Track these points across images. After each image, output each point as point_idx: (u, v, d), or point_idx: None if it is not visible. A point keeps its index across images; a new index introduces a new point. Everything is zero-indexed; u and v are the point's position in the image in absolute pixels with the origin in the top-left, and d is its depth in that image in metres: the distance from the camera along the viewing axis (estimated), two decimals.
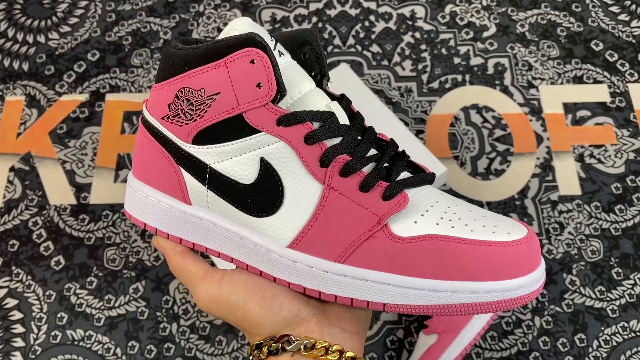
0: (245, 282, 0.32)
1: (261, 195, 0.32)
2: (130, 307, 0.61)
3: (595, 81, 0.71)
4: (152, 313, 0.60)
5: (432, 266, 0.30)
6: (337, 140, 0.32)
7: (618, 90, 0.71)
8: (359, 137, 0.33)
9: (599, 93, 0.71)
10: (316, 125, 0.31)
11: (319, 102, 0.32)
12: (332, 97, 0.34)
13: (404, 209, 0.31)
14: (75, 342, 0.59)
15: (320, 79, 0.34)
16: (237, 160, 0.31)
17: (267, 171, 0.31)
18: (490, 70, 0.72)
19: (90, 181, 0.67)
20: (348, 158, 0.31)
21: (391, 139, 0.35)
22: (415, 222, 0.31)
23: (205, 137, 0.31)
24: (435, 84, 0.72)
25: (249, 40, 0.30)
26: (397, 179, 0.32)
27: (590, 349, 0.58)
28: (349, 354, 0.31)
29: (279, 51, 0.32)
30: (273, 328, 0.31)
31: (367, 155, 0.32)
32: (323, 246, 0.31)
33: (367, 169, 0.32)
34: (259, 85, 0.30)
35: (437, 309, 0.30)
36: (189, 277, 0.34)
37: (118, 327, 0.60)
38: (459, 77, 0.72)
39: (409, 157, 0.35)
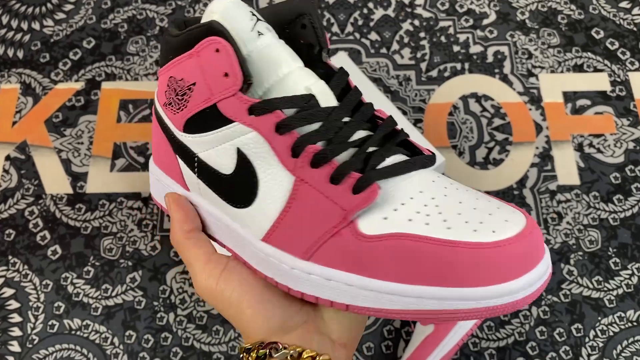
0: (243, 282, 0.31)
1: (239, 186, 0.31)
2: (127, 297, 0.61)
3: (596, 70, 0.71)
4: (149, 303, 0.60)
5: (394, 268, 0.27)
6: (316, 125, 0.29)
7: (618, 79, 0.70)
8: (347, 119, 0.30)
9: (599, 82, 0.70)
10: (290, 112, 0.29)
11: (300, 83, 0.30)
12: (328, 73, 0.32)
13: (375, 203, 0.28)
14: (73, 332, 0.59)
15: (319, 52, 0.32)
16: (217, 151, 0.31)
17: (243, 162, 0.30)
18: (490, 59, 0.72)
19: (87, 170, 0.67)
20: (318, 148, 0.29)
21: (389, 117, 0.31)
22: (385, 218, 0.28)
23: (192, 126, 0.31)
24: (434, 73, 0.71)
25: (211, 29, 0.28)
26: (376, 167, 0.29)
27: (587, 339, 0.58)
28: None
29: (258, 31, 0.30)
30: (263, 333, 0.31)
31: (351, 139, 0.30)
32: (292, 241, 0.29)
33: (343, 156, 0.29)
34: (226, 75, 0.29)
35: (403, 314, 0.27)
36: (190, 259, 0.33)
37: (115, 317, 0.60)
38: (458, 66, 0.71)
39: (408, 137, 0.31)
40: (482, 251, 0.25)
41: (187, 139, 0.32)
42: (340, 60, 0.64)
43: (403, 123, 0.61)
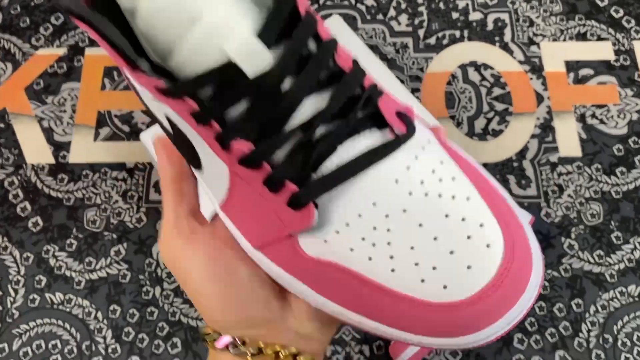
0: (207, 262, 0.26)
1: (185, 149, 0.26)
2: (111, 270, 0.58)
3: (599, 38, 0.68)
4: (134, 276, 0.58)
5: (341, 296, 0.23)
6: (242, 106, 0.22)
7: (623, 48, 0.68)
8: (289, 82, 0.22)
9: (603, 51, 0.68)
10: (206, 92, 0.22)
11: (212, 46, 0.21)
12: (292, 20, 0.22)
13: (315, 223, 0.22)
14: (55, 306, 0.57)
15: None
16: (154, 106, 0.25)
17: (176, 129, 0.25)
18: (490, 26, 0.69)
19: (69, 139, 0.64)
20: (244, 146, 0.22)
21: (354, 62, 0.23)
22: (326, 242, 0.23)
23: None
24: (432, 40, 0.68)
25: (74, 15, 0.21)
26: (318, 169, 0.22)
27: (587, 314, 0.56)
28: (305, 357, 0.26)
29: None
30: (221, 325, 0.27)
31: (291, 122, 0.22)
32: (244, 224, 0.25)
33: (279, 155, 0.22)
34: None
35: (355, 325, 0.24)
36: (165, 210, 0.28)
37: (99, 291, 0.58)
38: (457, 33, 0.69)
39: (379, 96, 0.23)
40: (424, 309, 0.21)
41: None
42: (334, 23, 0.61)
43: (402, 92, 0.59)
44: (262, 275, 0.27)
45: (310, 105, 0.22)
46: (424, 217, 0.22)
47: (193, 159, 0.26)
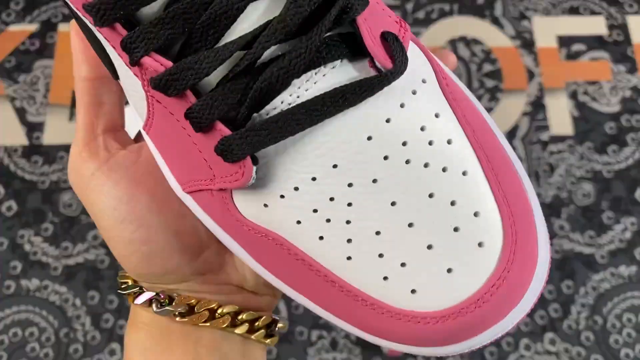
0: (125, 198, 0.21)
1: (98, 50, 0.19)
2: (89, 255, 0.56)
3: (592, 12, 0.66)
4: (112, 261, 0.56)
5: (284, 275, 0.19)
6: (159, 3, 0.16)
7: (616, 23, 0.66)
8: None
9: (596, 25, 0.66)
10: None
11: None
12: None
13: (249, 183, 0.17)
14: (31, 293, 0.55)
15: None
16: None
17: (81, 23, 0.19)
18: (481, 0, 0.67)
19: (43, 120, 0.62)
20: (158, 61, 0.16)
21: None
22: (266, 206, 0.18)
23: None
24: (420, 14, 0.66)
25: None
26: (261, 111, 0.16)
27: (577, 296, 0.55)
28: (248, 315, 0.21)
29: None
30: (143, 277, 0.22)
31: (226, 42, 0.16)
32: (169, 157, 0.20)
33: (209, 80, 0.17)
34: None
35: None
36: (77, 121, 0.22)
37: (76, 277, 0.56)
38: (446, 7, 0.66)
39: (358, 14, 0.16)
40: (383, 316, 0.17)
41: None
42: None
43: None
44: (194, 218, 0.21)
45: (258, 12, 0.16)
46: (399, 192, 0.16)
47: (108, 65, 0.20)
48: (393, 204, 0.16)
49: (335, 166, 0.17)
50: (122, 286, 0.23)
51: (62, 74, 0.63)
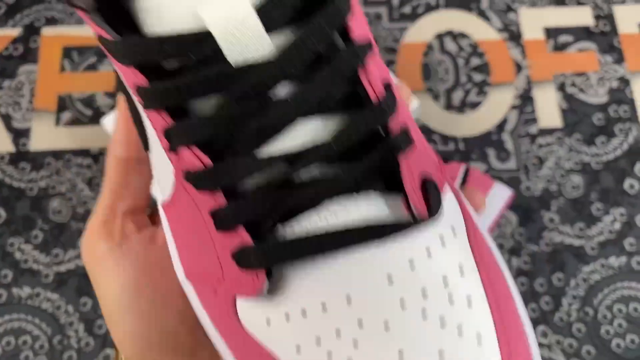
0: (131, 285, 0.21)
1: (136, 120, 0.20)
2: (80, 262, 0.56)
3: (579, 3, 0.66)
4: None
5: None
6: (209, 103, 0.16)
7: (602, 13, 0.66)
8: (285, 93, 0.16)
9: (582, 16, 0.66)
10: (172, 64, 0.16)
11: (183, 4, 0.15)
12: None
13: (262, 292, 0.16)
14: (23, 301, 0.55)
15: None
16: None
17: (129, 97, 0.19)
18: None
19: (29, 126, 0.61)
20: (198, 158, 0.16)
21: (386, 86, 0.17)
22: (268, 323, 0.16)
23: None
24: (407, 9, 0.66)
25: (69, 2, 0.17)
26: (290, 227, 0.16)
27: (568, 288, 0.56)
28: None
29: None
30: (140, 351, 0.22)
31: (269, 154, 0.16)
32: (182, 241, 0.19)
33: (244, 186, 0.17)
34: None
35: None
36: (102, 198, 0.23)
37: (68, 283, 0.56)
38: (433, 1, 0.66)
39: (400, 154, 0.16)
40: None
41: None
42: None
43: None
44: (194, 317, 0.21)
45: (306, 131, 0.16)
46: (410, 345, 0.15)
47: (142, 135, 0.20)
48: (400, 351, 0.15)
49: (349, 299, 0.16)
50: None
51: (46, 79, 0.63)
